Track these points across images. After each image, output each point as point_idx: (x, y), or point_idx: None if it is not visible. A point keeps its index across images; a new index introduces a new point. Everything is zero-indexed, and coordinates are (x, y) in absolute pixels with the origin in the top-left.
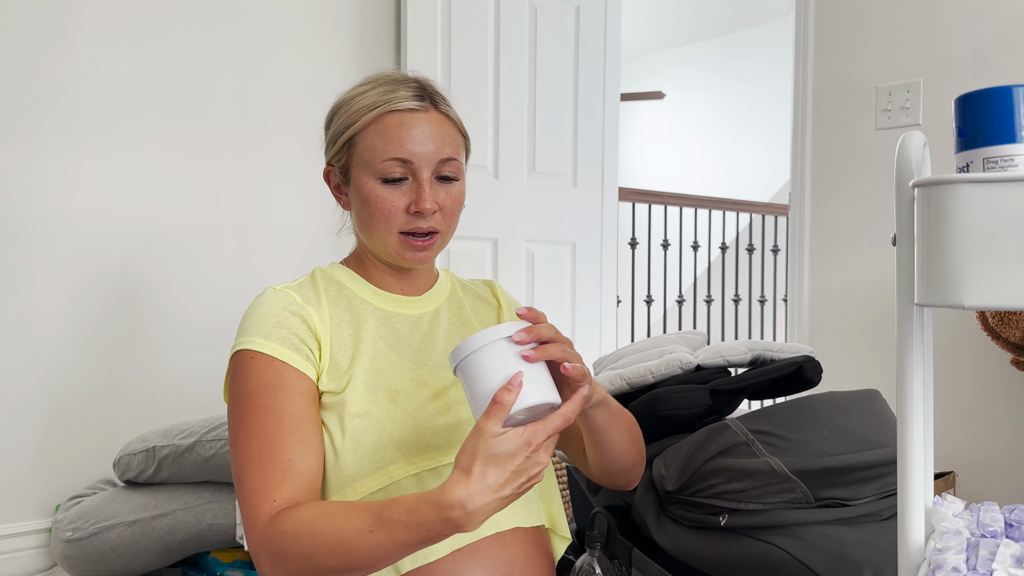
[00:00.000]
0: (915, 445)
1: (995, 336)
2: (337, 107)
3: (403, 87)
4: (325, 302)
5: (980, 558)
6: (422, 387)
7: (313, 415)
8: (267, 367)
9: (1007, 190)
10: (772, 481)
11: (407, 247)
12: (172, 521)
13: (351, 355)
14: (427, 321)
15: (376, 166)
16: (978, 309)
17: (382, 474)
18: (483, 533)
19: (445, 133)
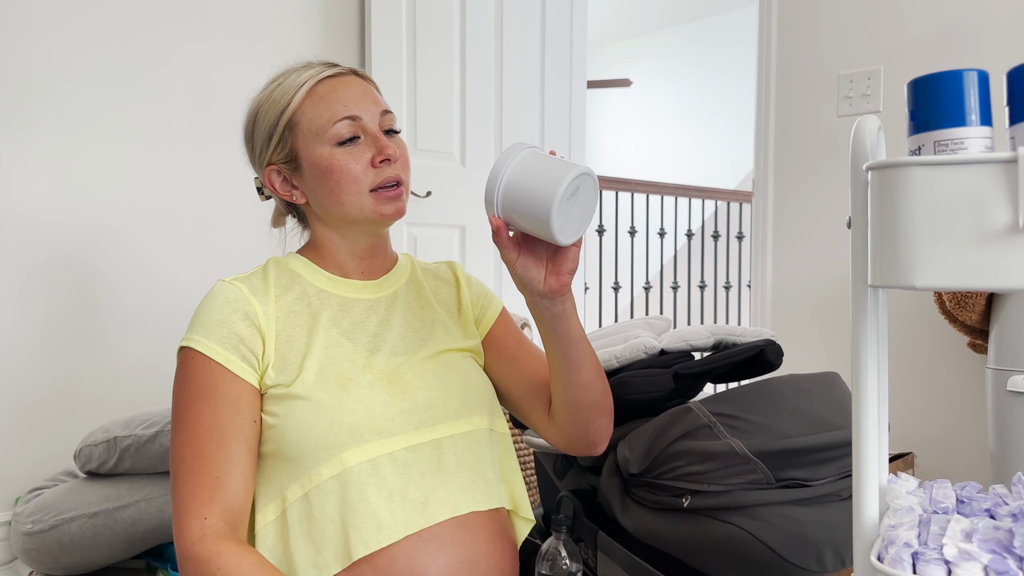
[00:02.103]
0: (869, 424)
1: (952, 319)
2: (256, 109)
3: (315, 64)
4: (274, 294)
5: (931, 533)
6: (376, 373)
7: (239, 429)
8: (203, 369)
9: (956, 172)
10: (734, 463)
11: (382, 201)
12: (135, 512)
13: (302, 347)
14: (384, 305)
15: (327, 132)
16: (929, 289)
17: (335, 462)
18: (439, 517)
19: (373, 90)
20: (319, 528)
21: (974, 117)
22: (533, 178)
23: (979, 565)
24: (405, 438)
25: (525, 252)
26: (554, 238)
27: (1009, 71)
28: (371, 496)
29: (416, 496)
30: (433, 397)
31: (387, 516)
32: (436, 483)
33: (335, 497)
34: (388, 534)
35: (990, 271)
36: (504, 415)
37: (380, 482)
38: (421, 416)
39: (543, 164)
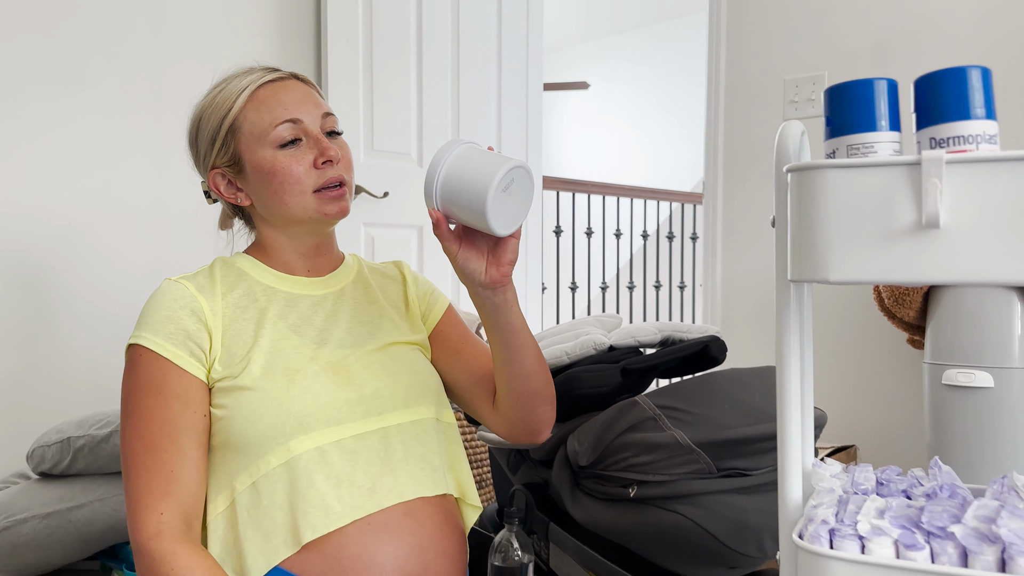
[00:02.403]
0: (792, 410)
1: (891, 316)
2: (199, 114)
3: (256, 69)
4: (220, 291)
5: (848, 511)
6: (323, 364)
7: (189, 423)
8: (152, 365)
9: (866, 174)
10: (677, 453)
11: (326, 201)
12: (89, 512)
13: (249, 341)
14: (331, 301)
15: (269, 136)
16: (841, 283)
17: (283, 450)
18: (386, 503)
19: (314, 94)
20: (268, 516)
21: (883, 123)
22: (469, 172)
23: (890, 539)
24: (352, 427)
25: (466, 244)
26: (491, 229)
27: (916, 80)
28: (319, 483)
29: (363, 483)
30: (380, 387)
31: (335, 502)
32: (383, 470)
33: (283, 484)
34: (336, 519)
35: (897, 266)
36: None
37: (328, 469)
38: (368, 405)
39: (479, 158)
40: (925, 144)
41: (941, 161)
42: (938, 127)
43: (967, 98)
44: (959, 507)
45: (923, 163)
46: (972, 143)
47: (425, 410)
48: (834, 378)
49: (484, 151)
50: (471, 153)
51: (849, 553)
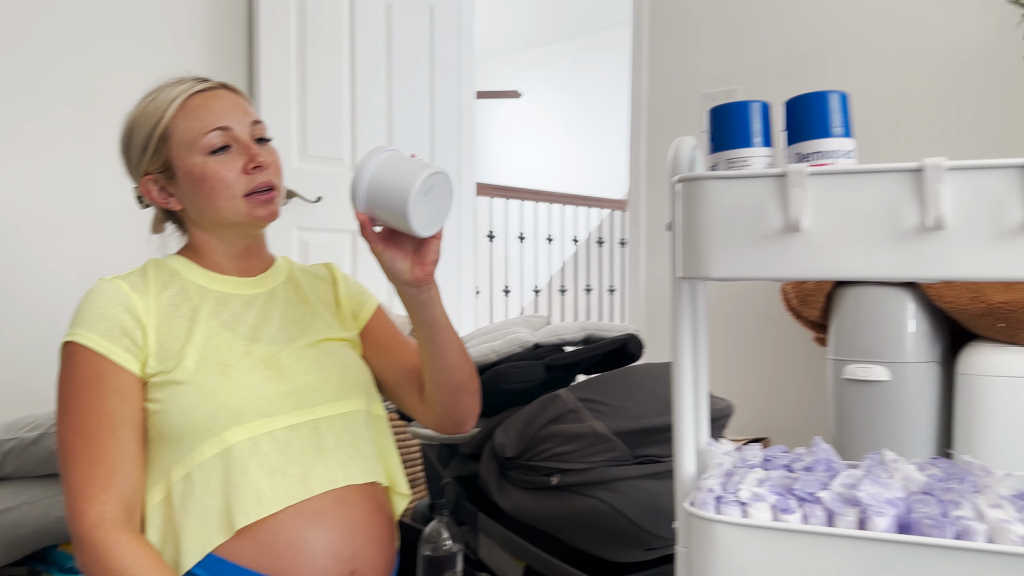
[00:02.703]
0: (686, 393)
1: (797, 316)
2: (131, 123)
3: (186, 79)
4: (153, 290)
5: (732, 482)
6: (255, 359)
7: (127, 416)
8: (88, 361)
9: (741, 185)
10: (596, 442)
11: (255, 205)
12: (17, 516)
13: (183, 337)
14: (263, 300)
15: (199, 143)
16: (721, 279)
17: (217, 440)
18: (318, 490)
19: (243, 102)
20: (203, 504)
21: (757, 140)
22: (392, 177)
23: (767, 504)
24: (284, 418)
25: (391, 245)
26: (413, 231)
27: (786, 101)
28: (252, 471)
29: (295, 471)
30: (312, 381)
31: (267, 489)
32: (315, 460)
33: (218, 474)
34: (268, 505)
35: (768, 264)
36: (389, 408)
37: (261, 459)
38: (300, 398)
39: (401, 165)
40: (792, 158)
41: (803, 173)
42: (803, 143)
43: (827, 118)
44: (831, 477)
45: (788, 175)
46: (831, 158)
47: (355, 403)
48: (747, 374)
49: (406, 158)
50: (394, 160)
51: (731, 517)
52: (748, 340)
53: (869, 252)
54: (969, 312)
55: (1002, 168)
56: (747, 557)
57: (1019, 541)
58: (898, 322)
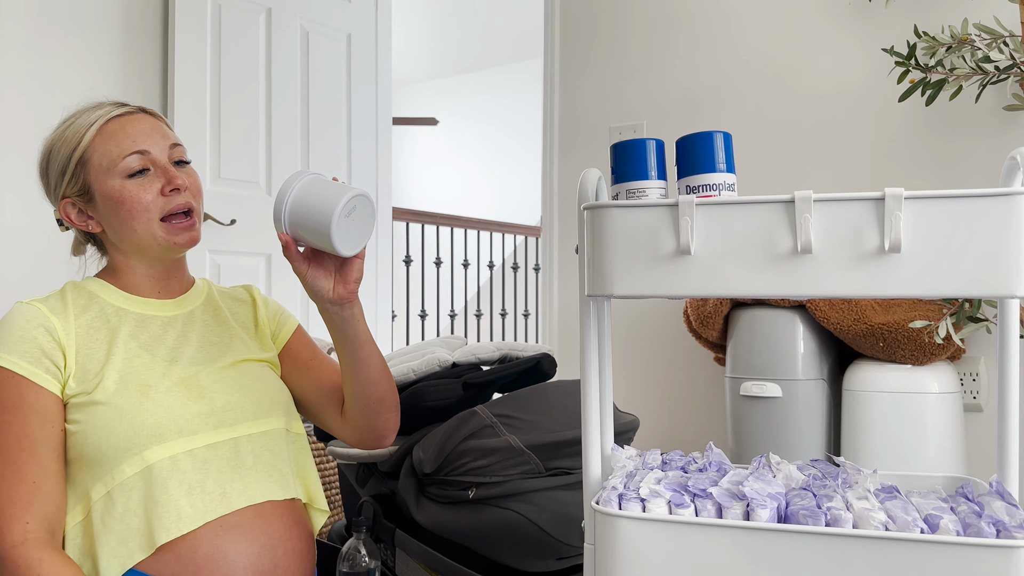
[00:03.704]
0: (592, 401)
1: (698, 337)
2: (50, 147)
3: (105, 104)
4: (72, 313)
5: (633, 481)
6: (174, 379)
7: (48, 437)
8: (8, 383)
9: (638, 213)
10: (511, 456)
11: (174, 231)
12: None
13: (102, 359)
14: (181, 322)
15: (117, 167)
16: (622, 297)
17: (138, 459)
18: (237, 506)
19: (162, 126)
20: (123, 522)
21: (653, 173)
22: (315, 197)
23: (664, 500)
24: (204, 436)
25: (314, 265)
26: (336, 250)
27: (677, 140)
28: (172, 489)
29: (214, 489)
30: (231, 400)
31: (187, 507)
32: (234, 477)
33: (138, 492)
34: (188, 522)
35: (663, 283)
36: (305, 425)
37: (180, 476)
38: (220, 417)
39: (324, 187)
40: (682, 190)
41: (692, 204)
42: (692, 177)
43: (713, 156)
44: (721, 476)
45: (679, 205)
46: (716, 190)
47: (275, 421)
48: (651, 392)
49: (329, 181)
50: (317, 182)
51: (632, 512)
52: (652, 360)
53: (749, 272)
54: (852, 332)
55: (860, 200)
56: (647, 548)
57: (880, 526)
58: (789, 342)
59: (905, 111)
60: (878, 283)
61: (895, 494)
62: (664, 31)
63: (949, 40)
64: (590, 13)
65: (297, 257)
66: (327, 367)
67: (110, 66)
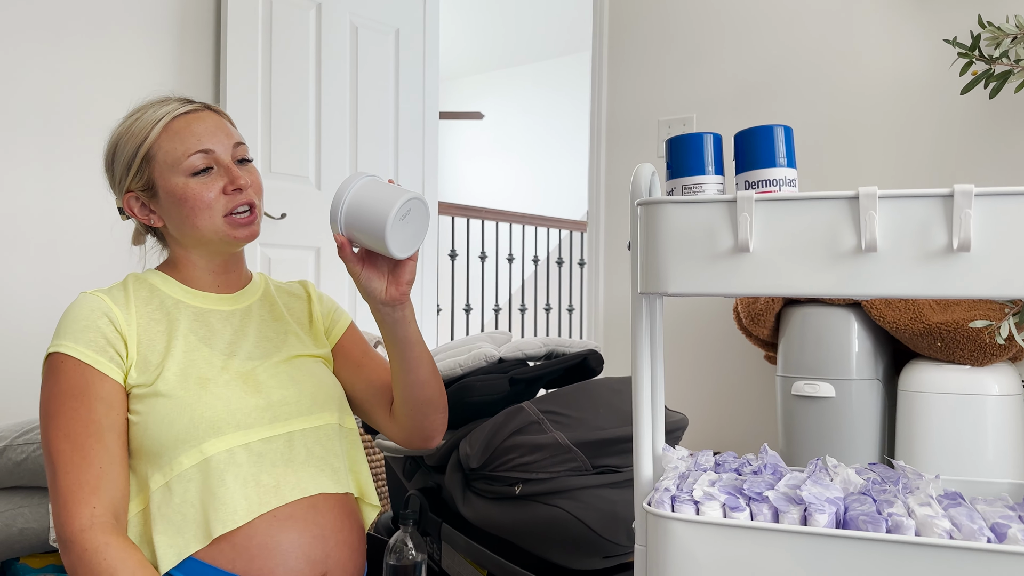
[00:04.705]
0: (644, 400)
1: (748, 334)
2: (116, 140)
3: (172, 100)
4: (134, 304)
5: (686, 483)
6: (232, 374)
7: (114, 423)
8: (74, 371)
9: (695, 209)
10: (558, 453)
11: (235, 225)
12: None
13: (162, 351)
14: (239, 317)
15: (182, 164)
16: (677, 295)
17: (196, 452)
18: (290, 498)
19: (226, 124)
20: (180, 512)
21: (710, 168)
22: (371, 200)
23: (718, 503)
24: (260, 431)
25: (368, 266)
26: (390, 252)
27: (736, 134)
28: (229, 482)
29: (268, 482)
30: (287, 395)
31: (242, 499)
32: (287, 471)
33: (196, 484)
34: (243, 515)
35: (719, 281)
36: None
37: (236, 469)
38: (275, 412)
39: (380, 189)
40: (741, 186)
41: (751, 200)
42: (751, 172)
43: (773, 150)
44: (777, 479)
45: (738, 201)
46: (776, 185)
47: (328, 416)
48: (700, 390)
49: (385, 184)
50: (373, 185)
51: (686, 514)
52: (701, 357)
53: (810, 271)
54: (909, 331)
55: (928, 197)
56: (700, 551)
57: (944, 534)
58: (843, 341)
59: (967, 104)
60: (945, 283)
61: (959, 501)
62: (715, 22)
63: (1015, 30)
64: (640, 5)
65: (352, 258)
66: (378, 365)
67: (164, 62)
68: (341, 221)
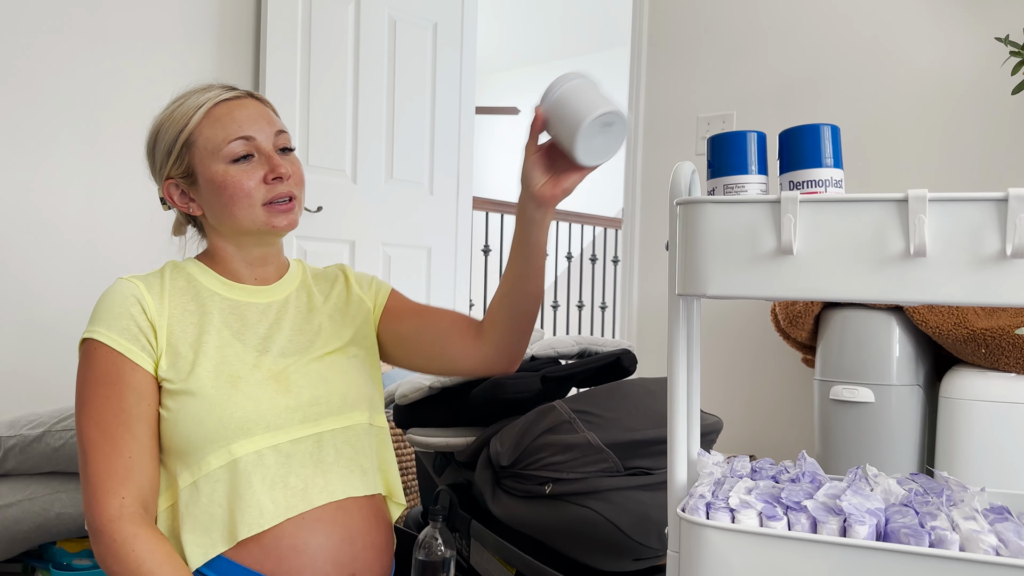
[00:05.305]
0: (680, 404)
1: (786, 337)
2: (158, 127)
3: (215, 87)
4: (168, 293)
5: (723, 490)
6: (264, 372)
7: (144, 413)
8: (107, 358)
9: (737, 209)
10: (589, 453)
11: (274, 214)
12: (18, 511)
13: (194, 344)
14: (276, 309)
15: (222, 151)
16: (717, 297)
17: (224, 452)
18: (318, 502)
19: (269, 112)
20: (207, 512)
21: (753, 167)
22: (582, 98)
23: (755, 511)
24: (290, 431)
25: (542, 155)
26: (575, 150)
27: (780, 133)
28: (256, 484)
29: (296, 484)
30: (317, 395)
31: (269, 503)
32: (316, 472)
33: (223, 484)
34: (270, 518)
35: (761, 283)
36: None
37: (264, 471)
38: (305, 412)
39: (593, 93)
40: (785, 186)
41: (796, 200)
42: (795, 172)
43: (819, 150)
44: (815, 488)
45: (782, 202)
46: (822, 186)
47: (359, 415)
48: (735, 393)
49: (599, 90)
50: (591, 86)
51: (721, 522)
52: (736, 359)
53: (855, 276)
54: (952, 337)
55: (980, 201)
56: (735, 561)
57: (990, 550)
58: (884, 345)
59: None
60: (998, 291)
61: (1006, 515)
62: (757, 18)
63: None
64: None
65: (535, 136)
66: (436, 310)
67: (204, 57)
68: (549, 100)
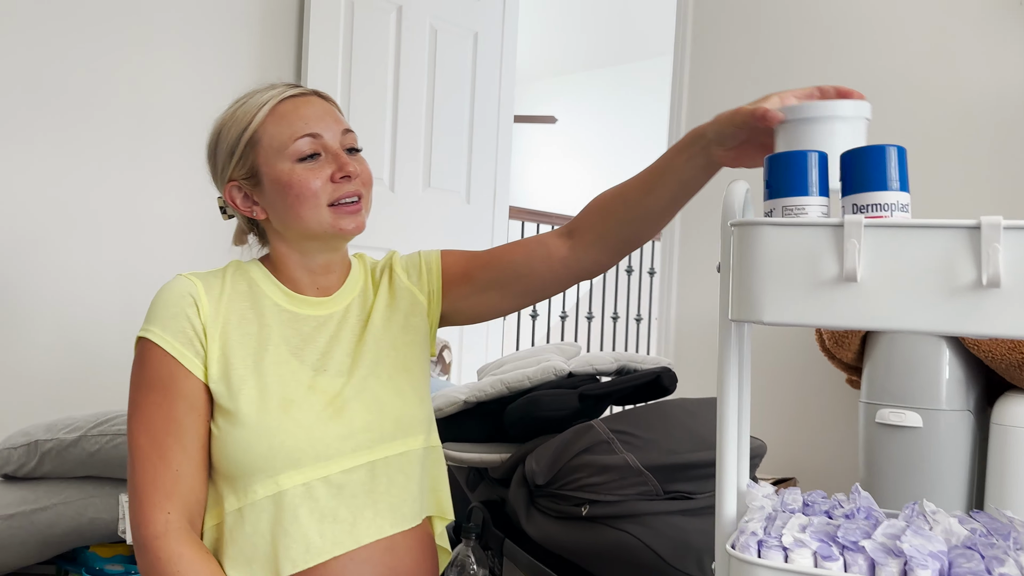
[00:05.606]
0: (730, 436)
1: (831, 357)
2: (220, 128)
3: (278, 85)
4: (227, 296)
5: (775, 527)
6: (318, 395)
7: (194, 424)
8: (160, 361)
9: (796, 232)
10: (627, 475)
11: (341, 215)
12: (52, 515)
13: (249, 356)
14: (335, 321)
15: (288, 149)
16: (773, 324)
17: (271, 483)
18: (366, 539)
19: (335, 110)
20: (251, 542)
21: (814, 189)
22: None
23: (809, 551)
24: (341, 461)
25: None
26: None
27: (842, 154)
28: (303, 518)
29: (346, 517)
30: (371, 421)
31: (316, 537)
32: (366, 503)
33: (268, 515)
34: (316, 554)
35: (821, 311)
36: None
37: (312, 504)
38: (358, 440)
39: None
40: (848, 209)
41: (860, 225)
42: (859, 195)
43: (885, 172)
44: (872, 526)
45: (845, 226)
46: (887, 210)
47: (413, 441)
48: (778, 414)
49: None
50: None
51: (773, 561)
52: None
53: (922, 306)
54: (1007, 362)
55: None
56: None
57: None
58: (933, 369)
59: None
60: None
61: None
62: (804, 32)
63: None
64: (725, 11)
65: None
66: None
67: (248, 63)
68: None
